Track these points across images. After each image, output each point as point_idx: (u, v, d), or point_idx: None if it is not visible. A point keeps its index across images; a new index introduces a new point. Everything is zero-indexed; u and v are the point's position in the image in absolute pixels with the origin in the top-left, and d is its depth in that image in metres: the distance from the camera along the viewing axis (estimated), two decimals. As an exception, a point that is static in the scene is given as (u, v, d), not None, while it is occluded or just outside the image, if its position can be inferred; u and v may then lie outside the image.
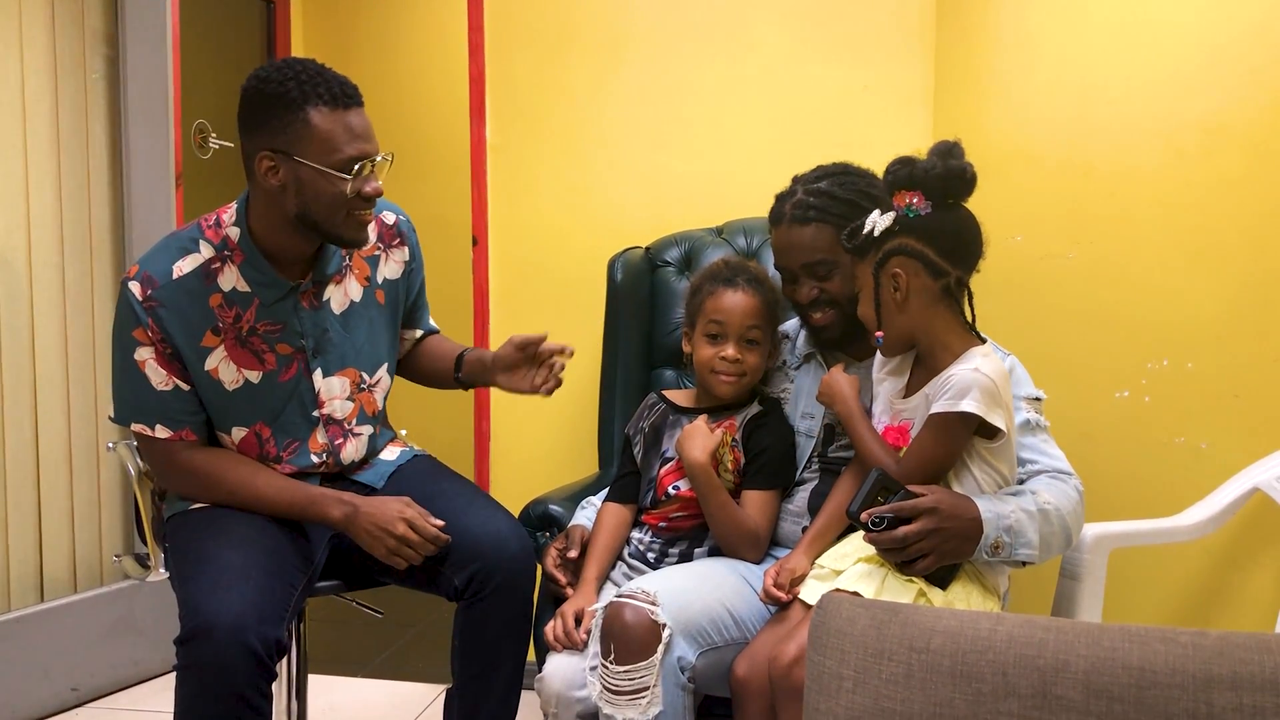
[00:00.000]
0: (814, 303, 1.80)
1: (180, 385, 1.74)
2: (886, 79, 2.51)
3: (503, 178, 2.72)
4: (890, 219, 1.55)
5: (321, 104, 1.64)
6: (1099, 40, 2.08)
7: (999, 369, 1.56)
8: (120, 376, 1.75)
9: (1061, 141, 2.14)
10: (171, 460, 1.77)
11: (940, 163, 1.53)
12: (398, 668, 2.94)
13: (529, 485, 2.21)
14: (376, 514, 1.72)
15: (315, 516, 1.76)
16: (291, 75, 1.64)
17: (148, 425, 1.75)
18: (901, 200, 1.55)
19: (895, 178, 1.56)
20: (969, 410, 1.50)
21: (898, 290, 1.57)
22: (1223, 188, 1.91)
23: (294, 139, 1.64)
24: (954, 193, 1.56)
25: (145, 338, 1.71)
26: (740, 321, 1.82)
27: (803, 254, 1.78)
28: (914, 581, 1.52)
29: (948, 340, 1.59)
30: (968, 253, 1.58)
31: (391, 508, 1.73)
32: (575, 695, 1.65)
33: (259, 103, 1.66)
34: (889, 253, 1.56)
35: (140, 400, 1.74)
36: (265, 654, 1.53)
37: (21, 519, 2.55)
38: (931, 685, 1.04)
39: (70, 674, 2.60)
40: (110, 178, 2.73)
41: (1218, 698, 0.96)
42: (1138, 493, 2.02)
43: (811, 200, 1.77)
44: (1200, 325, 1.95)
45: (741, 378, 1.82)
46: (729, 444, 1.82)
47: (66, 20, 2.62)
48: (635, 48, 2.63)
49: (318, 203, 1.67)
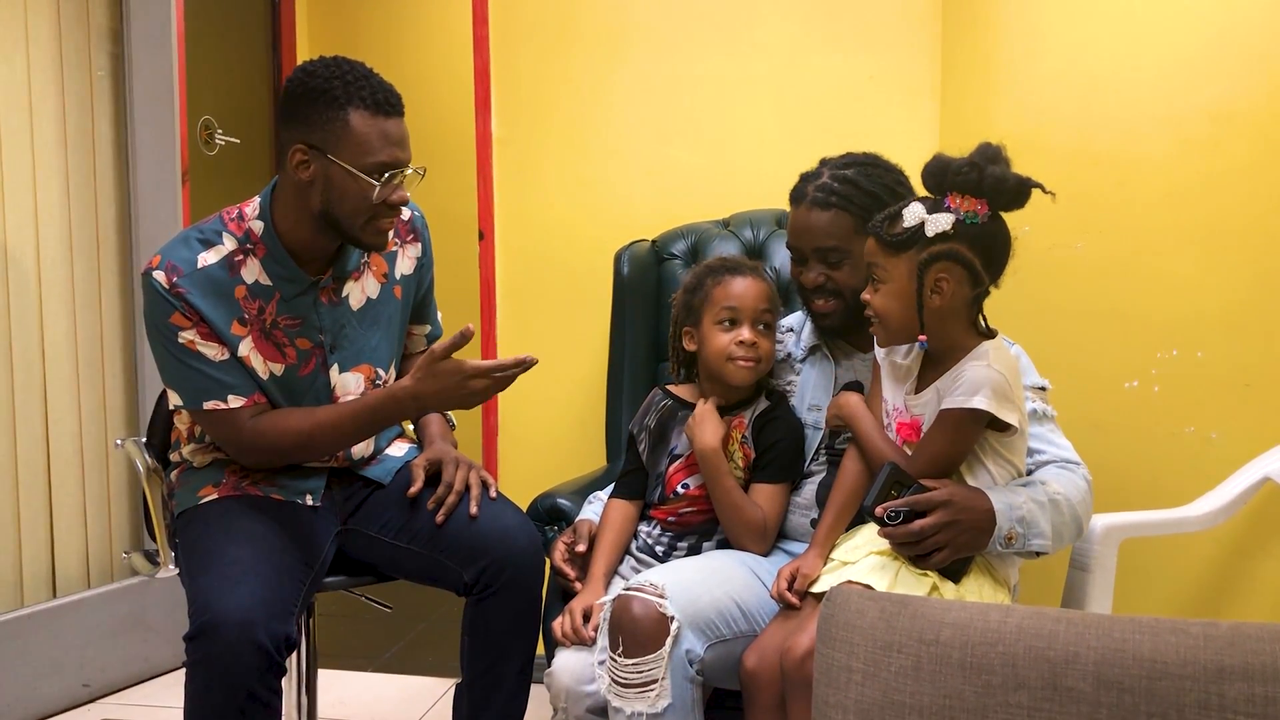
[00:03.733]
0: (819, 289, 1.80)
1: (234, 355, 1.73)
2: (892, 69, 2.50)
3: (509, 172, 2.71)
4: (950, 222, 1.49)
5: (363, 107, 1.64)
6: (1106, 29, 2.07)
7: (1010, 363, 1.55)
8: (172, 365, 1.73)
9: (1069, 131, 2.13)
10: (244, 430, 1.74)
11: (1012, 175, 1.49)
12: (407, 662, 2.95)
13: (537, 479, 2.21)
14: (443, 389, 1.67)
15: (389, 417, 1.74)
16: (338, 74, 1.65)
17: (221, 400, 1.72)
18: (965, 205, 1.50)
19: (964, 180, 1.49)
20: (980, 407, 1.49)
21: (936, 295, 1.52)
22: (1231, 176, 1.90)
23: (330, 136, 1.65)
24: (1017, 204, 1.52)
25: (184, 321, 1.69)
26: (754, 305, 1.80)
27: (817, 238, 1.77)
28: (928, 575, 1.52)
29: (964, 340, 1.57)
30: (1003, 265, 1.56)
31: (449, 377, 1.67)
32: (584, 689, 1.65)
33: (302, 95, 1.66)
34: (939, 255, 1.50)
35: (204, 378, 1.71)
36: (274, 649, 1.53)
37: (33, 516, 2.56)
38: (941, 677, 1.03)
39: (82, 669, 2.61)
40: (116, 174, 2.74)
41: (1229, 689, 0.95)
42: (1148, 483, 2.02)
43: (835, 186, 1.75)
44: (1210, 315, 1.94)
45: (758, 363, 1.81)
46: (739, 440, 1.82)
47: (72, 17, 2.62)
48: (640, 40, 2.63)
49: (342, 203, 1.67)
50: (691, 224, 2.43)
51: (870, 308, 1.59)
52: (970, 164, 1.50)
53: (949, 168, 1.51)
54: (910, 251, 1.52)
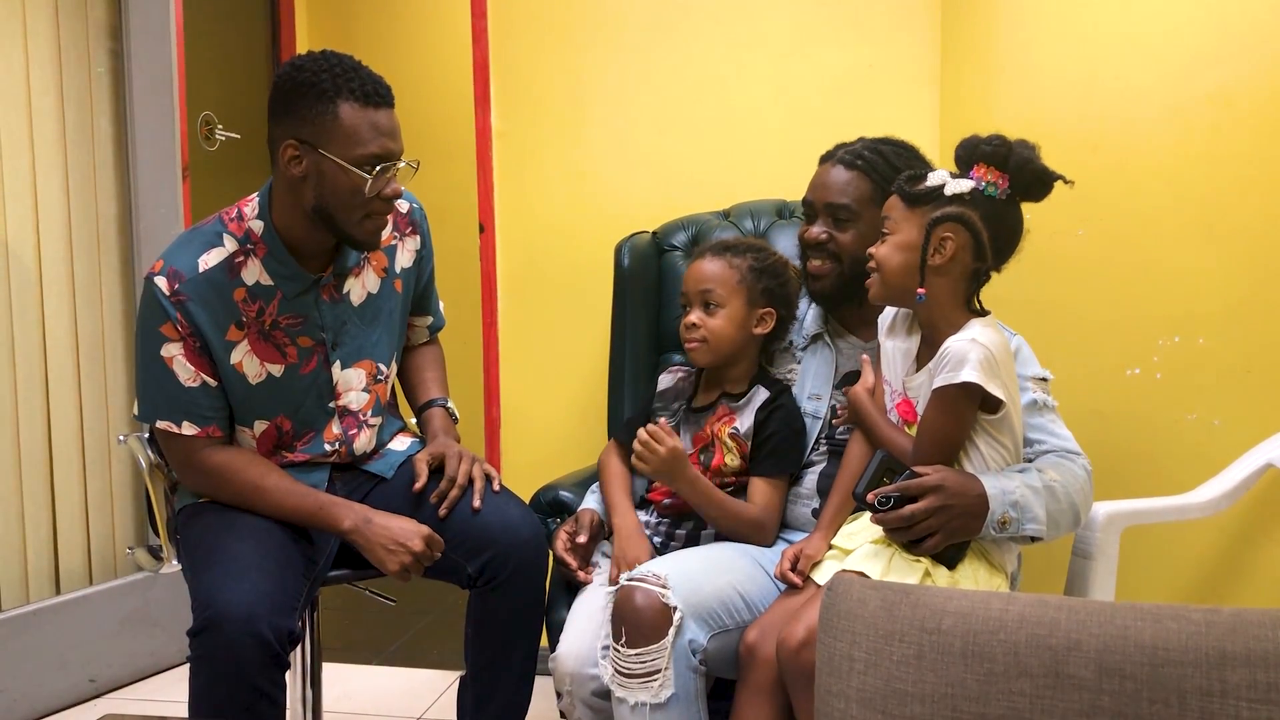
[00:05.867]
0: (819, 245, 1.81)
1: (208, 381, 1.73)
2: (892, 58, 2.49)
3: (509, 164, 2.71)
4: (968, 186, 1.54)
5: (353, 99, 1.64)
6: (1106, 14, 2.06)
7: (997, 339, 1.55)
8: (145, 374, 1.74)
9: (1070, 118, 2.13)
10: (192, 458, 1.76)
11: (1039, 161, 1.53)
12: (411, 655, 2.95)
13: (539, 471, 2.21)
14: (393, 528, 1.70)
15: (324, 523, 1.74)
16: (327, 67, 1.64)
17: (174, 423, 1.73)
18: (987, 175, 1.53)
19: (991, 151, 1.53)
20: (969, 380, 1.49)
21: (938, 254, 1.54)
22: (1233, 161, 1.90)
23: (320, 130, 1.64)
24: (1036, 193, 1.55)
25: (174, 333, 1.70)
26: (695, 286, 1.84)
27: (831, 193, 1.80)
28: (920, 561, 1.52)
29: (954, 317, 1.58)
30: (1010, 251, 1.59)
31: (409, 524, 1.71)
32: (589, 673, 1.65)
33: (291, 90, 1.65)
34: (949, 215, 1.53)
35: (167, 397, 1.73)
36: (278, 644, 1.54)
37: (36, 512, 2.56)
38: (943, 666, 1.03)
39: (87, 665, 2.62)
40: (117, 171, 2.73)
41: (1231, 675, 0.95)
42: (1150, 470, 2.01)
43: (865, 153, 1.80)
44: (1211, 301, 1.93)
45: (704, 343, 1.82)
46: (727, 434, 1.81)
47: (70, 13, 2.62)
48: (639, 31, 2.62)
49: (335, 197, 1.67)
50: (692, 215, 2.42)
51: (874, 259, 1.61)
52: (1002, 139, 1.54)
53: (980, 140, 1.55)
54: (925, 208, 1.56)
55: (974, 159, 1.55)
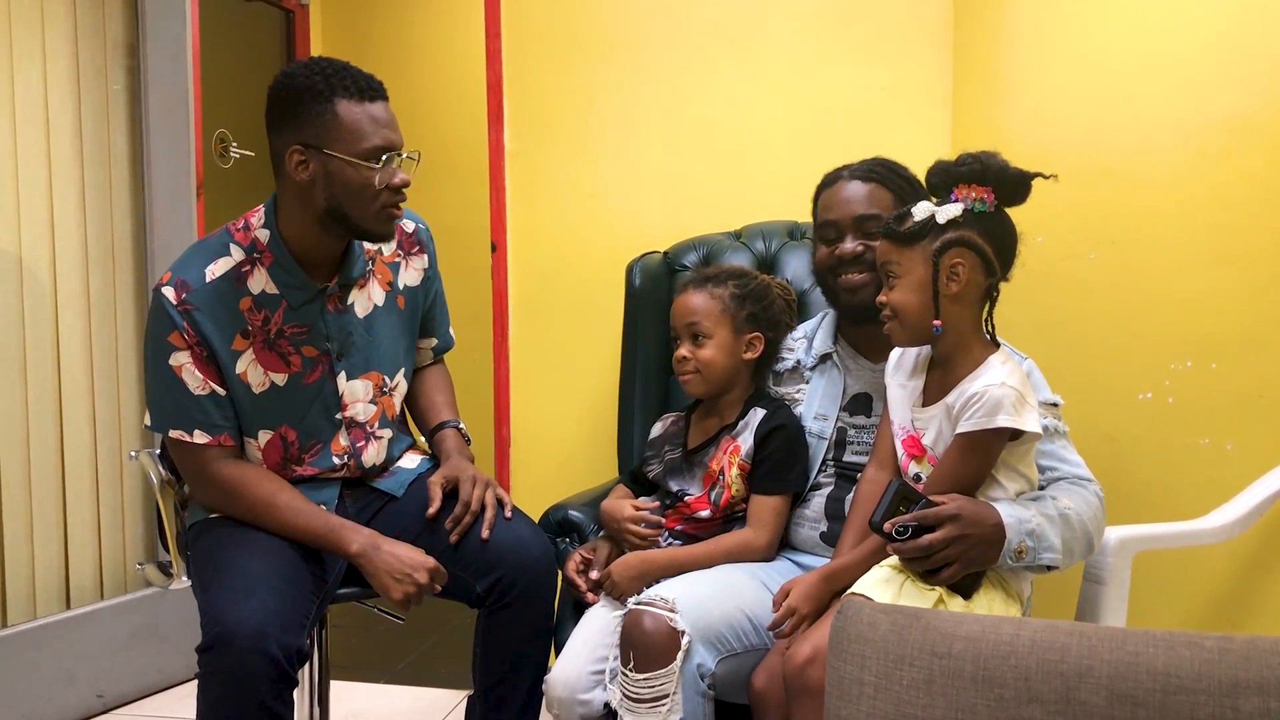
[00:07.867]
0: (857, 259, 1.80)
1: (217, 390, 1.74)
2: (904, 80, 2.50)
3: (521, 183, 2.72)
4: (959, 210, 1.53)
5: (348, 96, 1.67)
6: (1117, 38, 2.07)
7: (1018, 374, 1.55)
8: (156, 384, 1.75)
9: (1081, 140, 2.13)
10: (205, 470, 1.77)
11: (1012, 166, 1.54)
12: (419, 674, 2.95)
13: (548, 491, 2.21)
14: (401, 556, 1.70)
15: (333, 545, 1.74)
16: (318, 70, 1.68)
17: (186, 431, 1.75)
18: (971, 193, 1.53)
19: (968, 170, 1.54)
20: (1004, 425, 1.49)
21: (953, 281, 1.54)
22: (1245, 185, 1.89)
23: (322, 131, 1.67)
24: (1019, 197, 1.56)
25: (181, 341, 1.71)
26: (681, 320, 1.87)
27: (857, 206, 1.81)
28: (933, 590, 1.51)
29: (971, 343, 1.57)
30: (1011, 257, 1.58)
31: (416, 554, 1.71)
32: (578, 698, 1.66)
33: (287, 98, 1.69)
34: (951, 242, 1.53)
35: (178, 406, 1.74)
36: (286, 661, 1.54)
37: (47, 528, 2.57)
38: (953, 691, 1.03)
39: (96, 681, 2.62)
40: (132, 187, 2.75)
41: (1244, 703, 0.95)
42: (1162, 495, 2.00)
43: (874, 167, 1.82)
44: (1224, 325, 1.93)
45: (697, 374, 1.85)
46: (736, 462, 1.82)
47: (88, 32, 2.64)
48: (652, 52, 2.63)
49: (347, 193, 1.69)
50: (703, 236, 2.43)
51: (888, 307, 1.60)
52: (972, 156, 1.55)
53: (953, 163, 1.56)
54: (923, 243, 1.55)
55: (952, 181, 1.55)
